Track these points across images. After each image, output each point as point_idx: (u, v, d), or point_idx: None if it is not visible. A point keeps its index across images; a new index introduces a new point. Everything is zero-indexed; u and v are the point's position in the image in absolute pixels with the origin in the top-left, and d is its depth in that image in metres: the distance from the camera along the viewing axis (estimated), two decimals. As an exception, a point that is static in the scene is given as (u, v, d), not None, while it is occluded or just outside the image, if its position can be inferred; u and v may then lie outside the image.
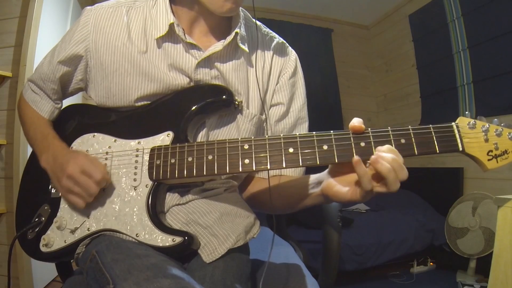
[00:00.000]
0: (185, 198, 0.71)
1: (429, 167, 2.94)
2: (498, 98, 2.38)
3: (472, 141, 0.59)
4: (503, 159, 0.59)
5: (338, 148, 0.59)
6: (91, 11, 0.76)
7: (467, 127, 0.59)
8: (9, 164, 1.87)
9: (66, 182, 0.65)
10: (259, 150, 0.61)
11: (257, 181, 0.84)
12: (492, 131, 0.59)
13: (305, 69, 0.86)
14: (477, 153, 0.59)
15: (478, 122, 0.60)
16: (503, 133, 0.59)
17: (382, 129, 0.59)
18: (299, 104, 0.84)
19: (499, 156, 0.58)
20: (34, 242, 0.71)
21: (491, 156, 0.58)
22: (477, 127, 0.59)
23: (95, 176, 0.64)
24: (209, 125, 0.74)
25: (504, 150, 0.58)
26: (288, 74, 0.82)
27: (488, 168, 0.59)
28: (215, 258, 0.64)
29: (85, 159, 0.66)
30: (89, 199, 0.65)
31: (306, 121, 0.85)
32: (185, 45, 0.73)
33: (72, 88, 0.81)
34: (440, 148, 0.58)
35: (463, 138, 0.59)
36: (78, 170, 0.64)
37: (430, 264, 2.52)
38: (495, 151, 0.59)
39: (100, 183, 0.65)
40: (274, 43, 0.83)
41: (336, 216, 1.00)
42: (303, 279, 0.73)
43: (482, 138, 0.59)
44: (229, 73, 0.74)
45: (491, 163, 0.59)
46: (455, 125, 0.59)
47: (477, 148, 0.59)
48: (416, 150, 0.58)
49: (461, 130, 0.59)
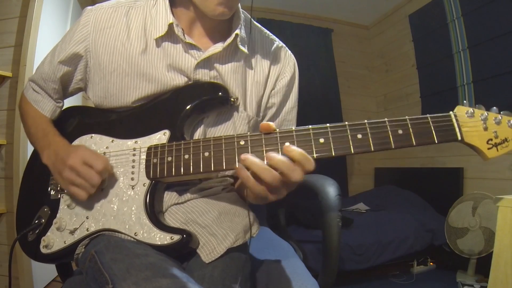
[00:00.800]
0: (184, 197, 0.71)
1: (429, 167, 2.94)
2: (498, 98, 2.38)
3: (471, 130, 0.57)
4: (503, 147, 0.57)
5: (334, 141, 0.58)
6: (91, 11, 0.76)
7: (465, 116, 0.58)
8: (9, 164, 1.86)
9: (68, 173, 0.65)
10: (255, 145, 0.61)
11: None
12: (491, 119, 0.58)
13: (305, 69, 0.87)
14: (476, 142, 0.57)
15: (476, 110, 0.58)
16: (503, 121, 0.58)
17: (379, 120, 0.59)
18: (289, 107, 0.84)
19: (499, 144, 0.57)
20: (35, 244, 0.71)
21: (491, 144, 0.57)
22: (476, 115, 0.58)
23: (96, 166, 0.64)
24: (206, 124, 0.74)
25: (504, 138, 0.57)
26: (286, 79, 0.82)
27: (488, 157, 0.58)
28: (214, 258, 0.64)
29: (86, 150, 0.67)
30: (91, 190, 0.65)
31: (293, 124, 0.85)
32: (184, 45, 0.73)
33: (72, 88, 0.82)
34: (438, 138, 0.57)
35: (462, 127, 0.57)
36: (80, 161, 0.64)
37: (430, 264, 2.52)
38: (494, 139, 0.57)
39: (102, 173, 0.65)
40: (274, 46, 0.83)
41: (336, 216, 0.99)
42: (303, 279, 0.73)
43: (481, 126, 0.58)
44: (228, 75, 0.75)
45: (491, 151, 0.57)
46: (453, 114, 0.58)
47: (476, 137, 0.57)
48: (414, 141, 0.57)
49: (460, 119, 0.58)
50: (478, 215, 2.14)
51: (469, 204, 2.22)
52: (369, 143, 0.57)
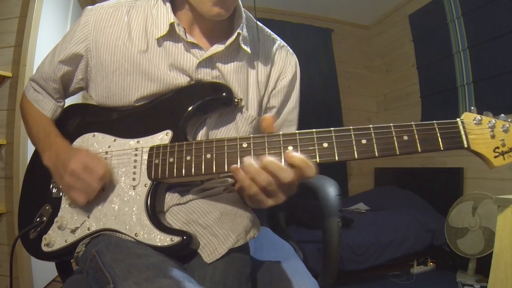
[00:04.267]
0: (185, 198, 0.71)
1: (429, 167, 2.94)
2: (498, 98, 2.38)
3: (478, 138, 0.56)
4: (510, 155, 0.56)
5: (338, 146, 0.57)
6: (92, 11, 0.76)
7: (472, 123, 0.57)
8: (9, 164, 1.86)
9: (69, 178, 0.65)
10: (257, 148, 0.60)
11: None
12: (499, 127, 0.57)
13: (305, 69, 0.86)
14: (483, 150, 0.56)
15: (484, 118, 0.57)
16: (510, 128, 0.56)
17: (384, 125, 0.57)
18: (290, 107, 0.84)
19: (506, 153, 0.56)
20: (36, 242, 0.71)
21: (498, 153, 0.56)
22: (483, 123, 0.57)
23: (97, 172, 0.64)
24: (209, 125, 0.74)
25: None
26: (287, 79, 0.82)
27: (494, 165, 0.56)
28: (216, 258, 0.64)
29: (87, 155, 0.67)
30: (91, 195, 0.66)
31: (294, 125, 0.85)
32: (186, 44, 0.72)
33: (73, 88, 0.82)
34: (444, 145, 0.56)
35: (469, 134, 0.56)
36: (81, 166, 0.64)
37: (430, 264, 2.52)
38: (502, 147, 0.56)
39: (102, 178, 0.65)
40: (276, 45, 0.83)
41: (336, 216, 1.00)
42: (303, 279, 0.73)
43: (488, 134, 0.56)
44: (230, 75, 0.74)
45: (497, 160, 0.56)
46: (460, 121, 0.57)
47: (483, 145, 0.56)
48: (419, 147, 0.56)
49: (466, 126, 0.56)
50: (478, 215, 2.14)
51: (469, 204, 2.22)
52: (374, 148, 0.56)
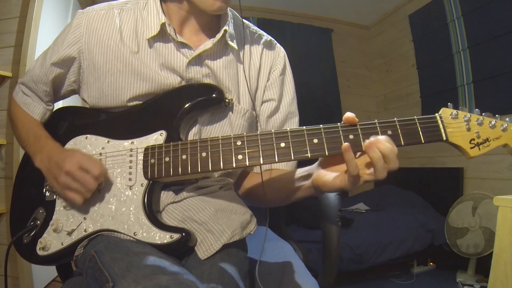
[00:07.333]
0: (180, 195, 0.71)
1: (429, 167, 2.94)
2: (498, 98, 2.38)
3: (455, 131, 0.61)
4: (485, 146, 0.61)
5: (328, 141, 0.61)
6: (83, 14, 0.77)
7: (449, 117, 0.62)
8: (9, 164, 1.87)
9: (64, 178, 0.65)
10: (251, 145, 0.63)
11: (252, 176, 0.86)
12: (474, 121, 0.62)
13: (305, 69, 0.87)
14: (460, 142, 0.61)
15: (460, 112, 0.62)
16: (484, 122, 0.61)
17: (369, 121, 0.62)
18: (289, 99, 0.85)
19: (481, 144, 0.61)
20: (30, 246, 0.71)
21: (473, 144, 0.61)
22: (459, 117, 0.62)
23: (93, 171, 0.64)
24: (201, 123, 0.75)
25: (486, 138, 0.61)
26: (278, 70, 0.84)
27: (471, 155, 0.61)
28: (211, 254, 0.65)
29: (81, 155, 0.67)
30: (87, 195, 0.66)
31: (296, 115, 0.87)
32: (176, 44, 0.74)
33: (65, 90, 0.82)
34: (425, 138, 0.60)
35: (447, 128, 0.61)
36: (76, 166, 0.64)
37: (430, 264, 2.52)
38: (477, 139, 0.61)
39: (98, 178, 0.65)
40: (263, 40, 0.84)
41: (336, 216, 1.00)
42: (303, 278, 0.73)
43: (465, 127, 0.61)
44: (220, 71, 0.76)
45: (473, 150, 0.61)
46: (439, 116, 0.62)
47: (460, 137, 0.61)
48: (402, 141, 0.60)
49: (444, 120, 0.61)
50: (478, 215, 2.14)
51: (469, 204, 2.22)
52: (360, 143, 0.60)
